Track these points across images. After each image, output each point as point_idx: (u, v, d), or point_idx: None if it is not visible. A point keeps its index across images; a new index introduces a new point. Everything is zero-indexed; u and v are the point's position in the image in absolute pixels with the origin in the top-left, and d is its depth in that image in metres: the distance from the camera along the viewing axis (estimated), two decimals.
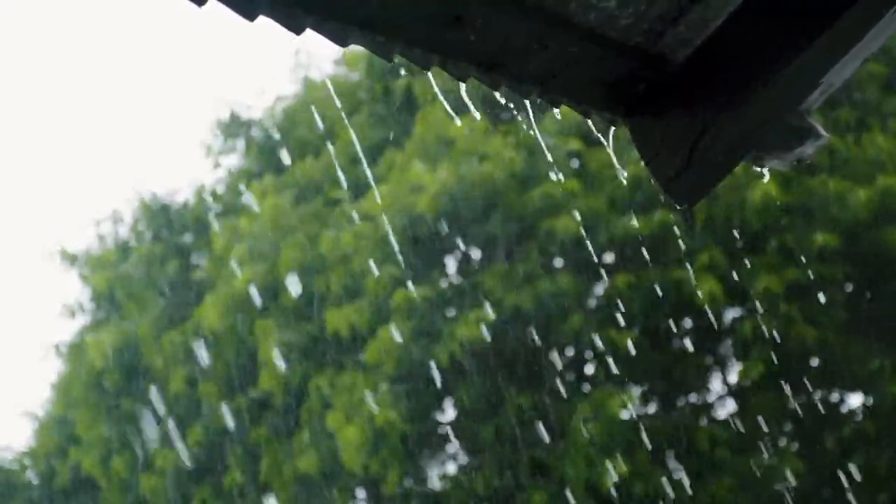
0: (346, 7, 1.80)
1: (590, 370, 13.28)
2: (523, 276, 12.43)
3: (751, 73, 2.30)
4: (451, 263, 13.52)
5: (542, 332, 12.30)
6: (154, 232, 16.67)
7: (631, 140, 2.40)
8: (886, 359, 12.38)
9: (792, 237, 12.35)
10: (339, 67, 16.06)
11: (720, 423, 13.13)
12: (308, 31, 1.83)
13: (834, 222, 12.42)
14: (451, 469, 13.83)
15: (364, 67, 15.03)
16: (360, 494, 13.96)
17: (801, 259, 12.20)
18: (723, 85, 2.33)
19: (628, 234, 12.32)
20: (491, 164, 12.76)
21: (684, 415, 13.23)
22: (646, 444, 12.37)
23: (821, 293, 12.20)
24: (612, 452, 12.00)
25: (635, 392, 13.06)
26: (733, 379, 13.44)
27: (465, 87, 2.14)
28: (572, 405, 12.44)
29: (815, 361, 12.84)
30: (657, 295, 12.02)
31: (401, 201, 12.76)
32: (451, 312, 12.58)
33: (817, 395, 13.20)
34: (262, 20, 1.77)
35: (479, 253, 13.36)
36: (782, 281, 12.17)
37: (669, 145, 2.34)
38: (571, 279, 12.44)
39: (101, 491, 15.56)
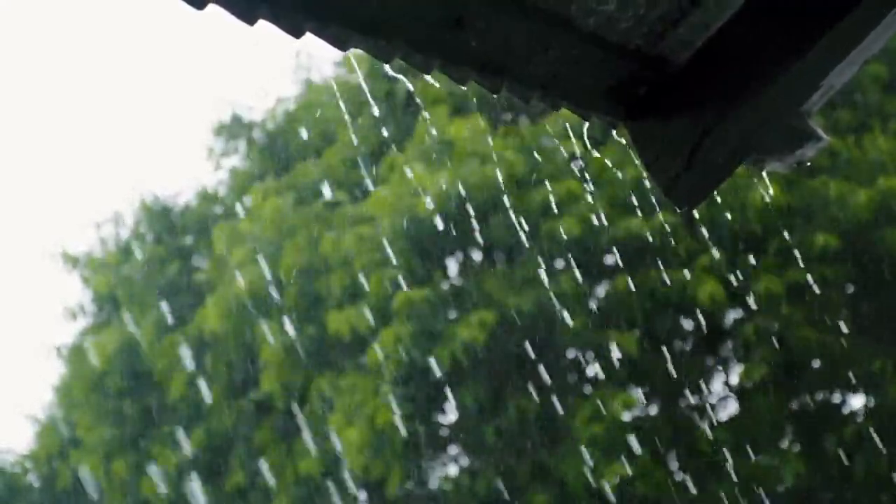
0: (347, 11, 1.80)
1: (591, 372, 13.28)
2: (524, 277, 12.44)
3: (751, 75, 2.30)
4: (452, 265, 13.52)
5: (544, 333, 12.29)
6: (155, 234, 16.67)
7: (631, 143, 2.40)
8: (888, 360, 12.38)
9: (793, 238, 12.35)
10: (340, 69, 16.08)
11: (721, 425, 13.12)
12: (308, 35, 1.83)
13: (835, 223, 12.42)
14: (453, 471, 13.84)
15: (365, 69, 15.03)
16: (362, 496, 13.96)
17: (802, 260, 12.20)
18: (723, 87, 2.33)
19: (630, 236, 12.32)
20: (492, 165, 12.76)
21: (685, 416, 13.23)
22: (647, 446, 12.37)
23: (822, 294, 12.19)
24: (613, 454, 12.00)
25: (637, 393, 13.06)
26: (735, 380, 13.44)
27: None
28: (574, 407, 12.44)
29: (816, 363, 12.83)
30: (658, 296, 12.02)
31: (402, 203, 12.76)
32: (452, 314, 12.58)
33: (819, 397, 13.20)
34: (261, 24, 1.77)
35: (480, 255, 13.36)
36: (783, 282, 12.17)
37: (670, 148, 2.35)
38: (573, 281, 12.45)
39: (102, 494, 15.56)
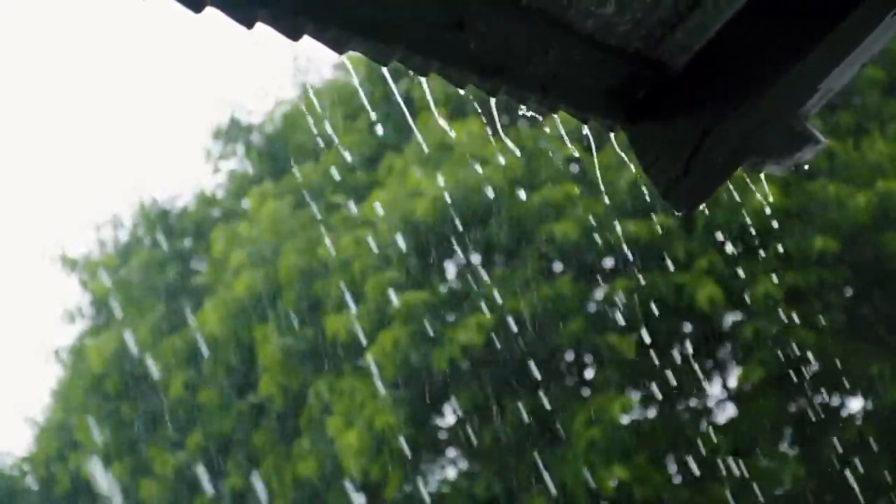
0: (345, 13, 1.80)
1: (589, 374, 13.28)
2: (523, 280, 12.43)
3: (750, 78, 2.30)
4: (450, 268, 13.52)
5: (542, 336, 12.29)
6: (154, 237, 16.67)
7: (630, 146, 2.41)
8: (886, 363, 12.37)
9: (791, 241, 12.35)
10: (339, 72, 16.08)
11: (720, 428, 13.12)
12: (306, 38, 1.83)
13: (833, 226, 12.42)
14: (451, 474, 13.83)
15: (364, 72, 15.03)
16: (360, 499, 13.95)
17: (800, 263, 12.20)
18: (722, 90, 2.33)
19: (628, 239, 12.31)
20: (490, 169, 12.76)
21: (684, 419, 13.22)
22: (645, 449, 12.37)
23: (820, 297, 12.20)
24: (611, 457, 11.99)
25: (635, 396, 13.06)
26: (733, 383, 13.44)
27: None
28: (572, 409, 12.44)
29: (814, 366, 12.83)
30: (657, 299, 12.02)
31: (400, 206, 12.76)
32: (450, 317, 12.58)
33: (817, 400, 13.19)
34: (260, 26, 1.77)
35: (478, 258, 13.36)
36: (782, 285, 12.17)
37: (669, 151, 2.35)
38: (571, 284, 12.45)
39: (100, 496, 15.56)
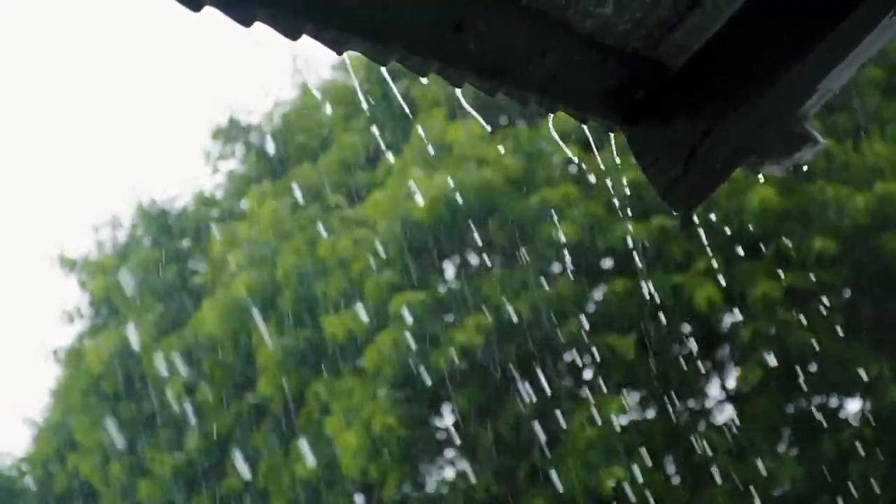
0: (344, 13, 1.80)
1: (588, 375, 13.28)
2: (521, 281, 12.43)
3: (749, 78, 2.30)
4: (449, 269, 13.52)
5: (540, 337, 12.29)
6: (152, 237, 16.67)
7: (629, 146, 2.40)
8: (885, 364, 12.37)
9: (790, 242, 12.35)
10: (338, 72, 16.08)
11: (718, 429, 13.12)
12: (305, 37, 1.83)
13: (832, 228, 12.41)
14: (450, 474, 13.83)
15: (362, 73, 15.04)
16: (359, 500, 13.95)
17: (799, 264, 12.20)
18: (721, 91, 2.33)
19: (627, 240, 12.32)
20: (489, 169, 12.77)
21: (682, 420, 13.23)
22: (644, 450, 12.36)
23: (819, 299, 12.19)
24: (610, 458, 11.99)
25: (633, 397, 13.06)
26: (732, 384, 13.44)
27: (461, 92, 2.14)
28: (570, 410, 12.43)
29: (813, 367, 12.83)
30: (655, 300, 12.02)
31: (399, 207, 12.76)
32: (449, 318, 12.58)
33: (816, 401, 13.19)
34: (258, 26, 1.77)
35: (476, 258, 13.36)
36: (780, 286, 12.17)
37: (668, 151, 2.35)
38: (570, 285, 12.45)
39: (99, 497, 15.56)
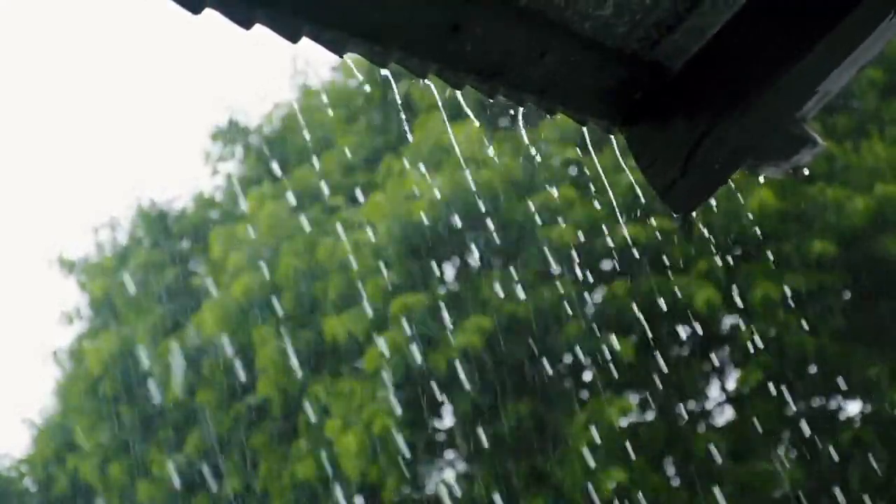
0: (344, 15, 1.80)
1: (588, 377, 13.28)
2: (521, 283, 12.43)
3: (748, 79, 2.30)
4: (449, 270, 13.52)
5: (540, 339, 12.29)
6: (152, 239, 16.67)
7: (628, 148, 2.41)
8: (885, 366, 12.38)
9: (790, 245, 12.35)
10: (337, 74, 16.09)
11: (718, 430, 13.12)
12: (305, 40, 1.83)
13: (832, 230, 12.42)
14: (450, 476, 13.83)
15: (362, 75, 15.04)
16: (359, 502, 13.95)
17: (798, 267, 12.21)
18: (720, 92, 2.33)
19: (626, 242, 12.32)
20: (489, 171, 12.77)
21: (682, 422, 13.23)
22: (644, 451, 12.36)
23: (819, 300, 12.20)
24: (610, 459, 11.99)
25: (633, 399, 13.06)
26: (731, 386, 13.44)
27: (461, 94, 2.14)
28: (570, 412, 12.44)
29: (813, 368, 12.84)
30: (655, 302, 12.02)
31: (399, 208, 12.76)
32: (449, 320, 12.58)
33: (815, 403, 13.20)
34: (258, 28, 1.77)
35: (476, 260, 13.36)
36: (780, 288, 12.17)
37: (667, 153, 2.35)
38: (569, 286, 12.45)
39: (98, 498, 15.55)
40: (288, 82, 17.21)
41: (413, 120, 13.95)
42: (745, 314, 12.55)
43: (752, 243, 12.40)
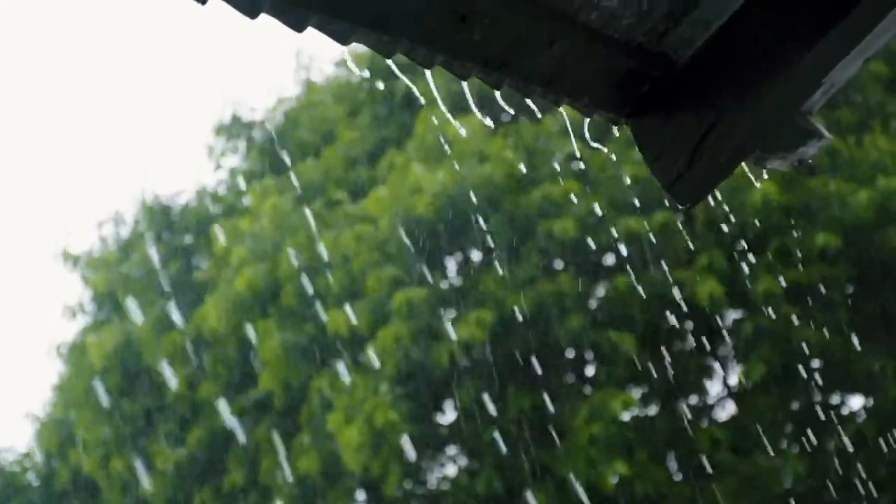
0: (350, 5, 1.80)
1: (590, 371, 13.28)
2: (523, 277, 12.43)
3: (754, 72, 2.30)
4: (451, 264, 13.52)
5: (543, 333, 12.29)
6: (155, 233, 16.67)
7: (634, 139, 2.40)
8: (888, 360, 12.37)
9: (793, 238, 12.34)
10: (340, 69, 16.08)
11: (721, 425, 13.12)
12: (310, 30, 1.82)
13: (835, 223, 12.41)
14: (452, 471, 13.83)
15: (366, 69, 15.03)
16: (361, 496, 13.95)
17: (802, 260, 12.19)
18: (726, 84, 2.32)
19: (629, 235, 12.30)
20: (491, 165, 12.76)
21: (685, 416, 13.23)
22: (646, 446, 12.37)
23: (822, 294, 12.19)
24: (612, 454, 11.99)
25: (636, 393, 13.05)
26: (734, 380, 13.44)
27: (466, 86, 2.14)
28: (573, 406, 12.43)
29: (815, 363, 12.84)
30: (657, 296, 12.01)
31: (401, 202, 12.76)
32: (451, 314, 12.58)
33: (818, 397, 13.19)
34: (263, 18, 1.76)
35: (479, 254, 13.36)
36: (783, 282, 12.16)
37: (673, 145, 2.34)
38: (571, 280, 12.45)
39: (101, 492, 15.56)
40: (291, 77, 17.20)
41: (416, 114, 13.95)
42: (748, 308, 12.54)
43: (755, 236, 12.40)
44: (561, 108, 2.30)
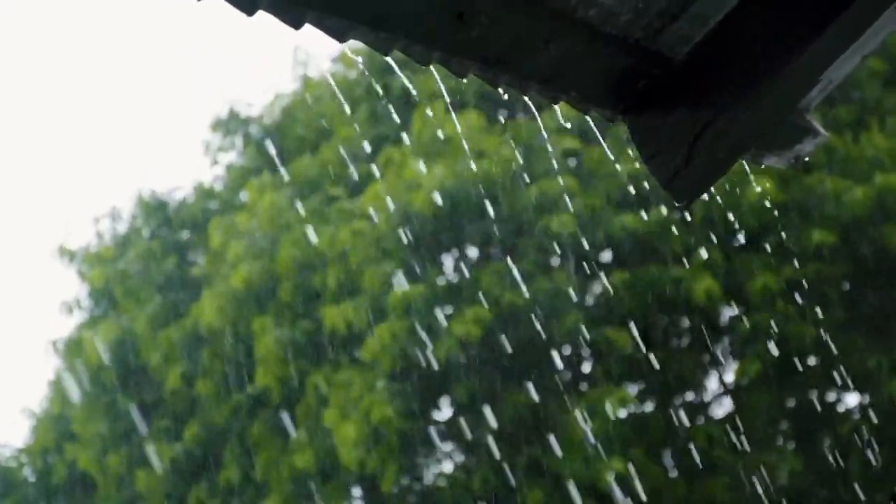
0: (348, 2, 1.80)
1: (587, 368, 13.28)
2: (520, 273, 12.42)
3: (751, 69, 2.30)
4: (448, 261, 13.52)
5: (539, 329, 12.29)
6: (152, 229, 16.66)
7: (631, 137, 2.40)
8: (884, 357, 12.37)
9: (789, 235, 12.34)
10: (338, 65, 16.07)
11: (717, 422, 13.12)
12: (307, 27, 1.82)
13: (831, 220, 12.41)
14: (448, 467, 13.83)
15: (363, 65, 15.02)
16: (357, 492, 13.95)
17: (798, 257, 12.20)
18: (723, 81, 2.32)
19: (625, 232, 12.31)
20: (488, 161, 12.75)
21: (681, 413, 13.23)
22: (642, 443, 12.37)
23: (818, 291, 12.19)
24: (608, 451, 11.99)
25: (632, 390, 13.06)
26: (730, 378, 13.44)
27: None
28: (569, 403, 12.43)
29: (812, 360, 12.84)
30: (654, 293, 12.02)
31: (399, 198, 12.75)
32: (448, 310, 12.57)
33: (814, 394, 13.19)
34: (261, 14, 1.76)
35: (476, 251, 13.36)
36: (780, 279, 12.17)
37: (670, 143, 2.34)
38: (568, 277, 12.44)
39: (97, 488, 15.55)
40: (288, 73, 17.19)
41: (413, 110, 13.94)
42: (745, 305, 12.54)
43: (752, 233, 12.40)
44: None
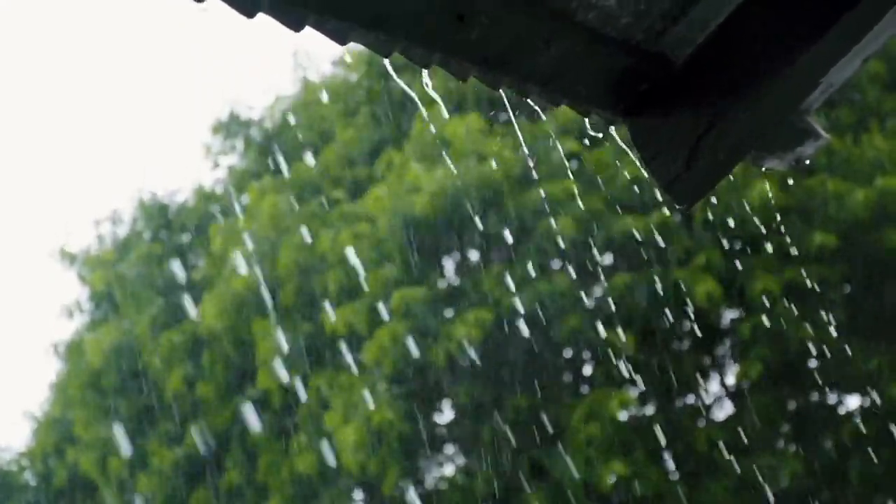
0: (348, 5, 1.79)
1: (588, 371, 13.27)
2: (521, 276, 12.42)
3: (752, 71, 2.30)
4: (448, 264, 13.51)
5: (540, 332, 12.28)
6: (153, 232, 16.66)
7: (631, 139, 2.39)
8: (885, 360, 12.36)
9: (790, 237, 12.34)
10: (338, 68, 16.07)
11: (718, 425, 13.11)
12: (308, 29, 1.82)
13: (832, 222, 12.41)
14: (449, 470, 13.82)
15: (363, 68, 15.04)
16: (358, 495, 13.94)
17: (799, 259, 12.19)
18: (724, 84, 2.32)
19: (626, 235, 12.30)
20: (489, 164, 12.75)
21: (682, 416, 13.22)
22: (643, 445, 12.36)
23: (819, 293, 12.18)
24: (609, 453, 11.99)
25: (633, 393, 13.05)
26: (731, 380, 13.43)
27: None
28: (570, 406, 12.43)
29: (813, 362, 12.83)
30: (655, 296, 12.01)
31: (399, 201, 12.75)
32: (449, 313, 12.57)
33: (815, 397, 13.19)
34: (261, 17, 1.76)
35: (476, 254, 13.35)
36: (780, 281, 12.16)
37: (670, 145, 2.34)
38: (569, 280, 12.44)
39: (98, 491, 15.54)
40: (289, 76, 17.20)
41: (413, 113, 13.94)
42: (746, 307, 12.53)
43: (753, 236, 12.39)
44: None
